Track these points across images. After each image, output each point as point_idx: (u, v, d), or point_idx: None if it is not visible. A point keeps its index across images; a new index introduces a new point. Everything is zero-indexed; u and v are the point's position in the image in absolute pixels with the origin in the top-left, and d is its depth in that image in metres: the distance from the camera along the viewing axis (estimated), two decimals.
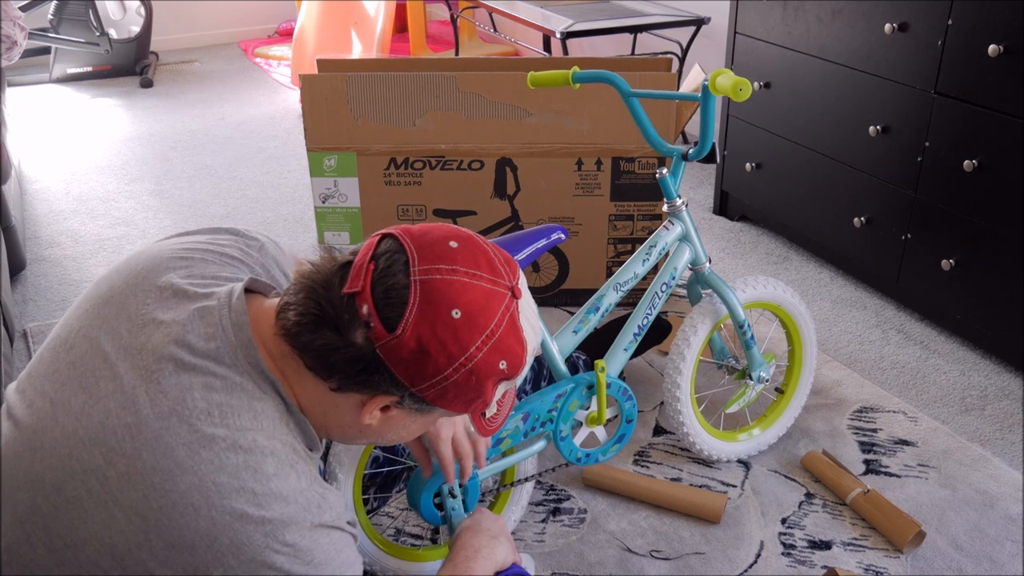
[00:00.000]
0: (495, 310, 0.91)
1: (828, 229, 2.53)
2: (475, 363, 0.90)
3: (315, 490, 0.90)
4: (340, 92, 2.18)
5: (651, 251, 1.62)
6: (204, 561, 0.83)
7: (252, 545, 0.84)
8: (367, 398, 0.92)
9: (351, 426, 0.96)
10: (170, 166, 3.41)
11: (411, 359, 0.88)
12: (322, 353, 0.89)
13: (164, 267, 0.97)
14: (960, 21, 2.00)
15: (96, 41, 4.36)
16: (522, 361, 0.96)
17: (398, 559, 1.47)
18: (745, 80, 1.34)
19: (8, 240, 2.45)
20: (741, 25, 2.68)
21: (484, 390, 0.93)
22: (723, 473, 1.78)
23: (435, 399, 0.92)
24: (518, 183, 2.26)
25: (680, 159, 1.59)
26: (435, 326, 0.88)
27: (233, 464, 0.85)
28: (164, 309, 0.92)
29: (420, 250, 0.90)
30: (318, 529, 0.89)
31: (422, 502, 1.37)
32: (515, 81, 2.17)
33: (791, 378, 1.84)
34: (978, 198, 2.05)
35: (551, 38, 3.65)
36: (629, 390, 1.59)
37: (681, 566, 1.56)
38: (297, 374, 0.92)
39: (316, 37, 4.12)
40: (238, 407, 0.87)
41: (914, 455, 1.83)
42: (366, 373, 0.89)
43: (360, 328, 0.88)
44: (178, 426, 0.85)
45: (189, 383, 0.87)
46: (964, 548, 1.60)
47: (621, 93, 1.57)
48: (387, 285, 0.88)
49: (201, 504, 0.83)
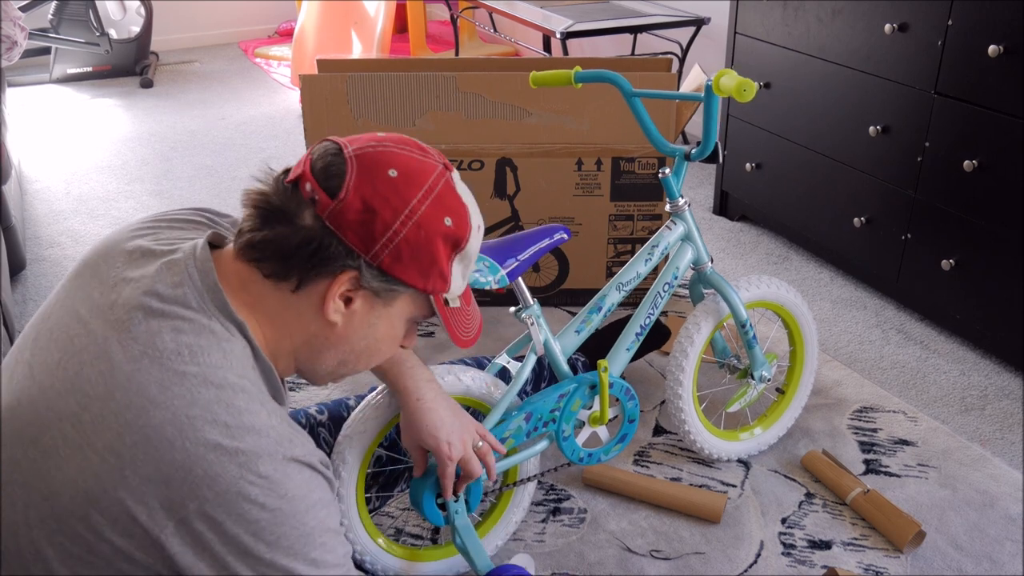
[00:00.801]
0: (430, 172, 0.98)
1: (828, 229, 2.53)
2: (420, 215, 0.95)
3: (285, 427, 0.91)
4: (340, 92, 2.18)
5: (653, 251, 1.62)
6: (180, 493, 0.83)
7: (227, 476, 0.84)
8: (327, 286, 0.94)
9: (316, 336, 0.98)
10: (170, 166, 3.41)
11: (359, 220, 0.93)
12: (276, 247, 0.93)
13: (131, 235, 1.01)
14: (960, 21, 2.00)
15: (96, 41, 4.37)
16: (467, 222, 1.01)
17: (398, 559, 1.47)
18: (749, 81, 1.33)
19: (8, 240, 2.45)
20: (741, 25, 2.68)
21: (436, 252, 0.98)
22: (723, 473, 1.78)
23: (391, 264, 0.95)
24: (518, 183, 2.26)
25: (683, 159, 1.59)
26: (375, 184, 0.93)
27: (205, 398, 0.86)
28: (133, 268, 0.95)
29: (351, 141, 0.98)
30: (291, 463, 0.89)
31: (425, 502, 1.37)
32: (515, 81, 2.17)
33: (792, 378, 1.84)
34: (978, 198, 2.05)
35: (551, 38, 3.65)
36: (632, 390, 1.59)
37: (681, 566, 1.56)
38: (260, 299, 0.95)
39: (316, 37, 4.12)
40: (207, 347, 0.89)
41: (914, 455, 1.83)
42: (320, 251, 0.92)
43: (307, 209, 0.93)
44: (150, 367, 0.86)
45: (158, 327, 0.88)
46: (964, 548, 1.60)
47: (623, 93, 1.57)
48: (325, 163, 0.94)
49: (175, 436, 0.83)
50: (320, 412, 1.46)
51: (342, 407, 1.49)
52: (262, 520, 0.85)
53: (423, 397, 1.28)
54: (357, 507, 1.41)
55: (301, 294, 0.95)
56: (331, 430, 1.44)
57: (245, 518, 0.84)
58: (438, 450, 1.29)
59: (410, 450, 1.33)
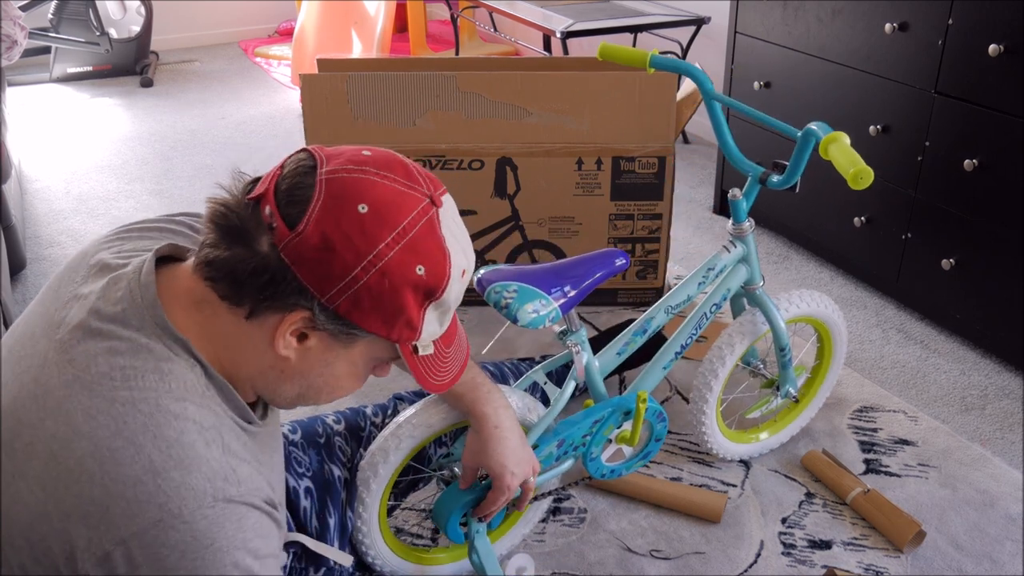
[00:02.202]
0: (408, 208, 0.85)
1: (828, 229, 2.53)
2: (386, 262, 0.84)
3: (224, 460, 0.82)
4: (340, 92, 2.18)
5: (708, 274, 1.57)
6: (98, 533, 0.77)
7: (144, 517, 0.77)
8: (279, 321, 0.85)
9: (271, 368, 0.89)
10: (170, 166, 3.41)
11: (316, 258, 0.82)
12: (229, 271, 0.84)
13: (100, 247, 0.96)
14: (960, 21, 2.00)
15: (96, 41, 4.36)
16: (444, 271, 0.88)
17: (404, 560, 1.47)
18: (868, 170, 1.18)
19: (8, 240, 2.45)
20: (741, 25, 2.68)
21: (403, 302, 0.86)
22: (723, 473, 1.78)
23: (349, 311, 0.84)
24: (518, 183, 2.26)
25: (756, 182, 1.51)
26: (340, 220, 0.82)
27: (131, 429, 0.79)
28: (87, 284, 0.89)
29: (330, 157, 0.86)
30: (224, 504, 0.80)
31: (450, 521, 1.36)
32: (515, 81, 2.17)
33: (810, 389, 1.83)
34: (978, 198, 2.05)
35: (551, 38, 3.65)
36: (664, 413, 1.55)
37: (681, 566, 1.56)
38: (213, 320, 0.87)
39: (316, 37, 4.12)
40: (143, 368, 0.82)
41: (914, 455, 1.83)
42: (272, 284, 0.83)
43: (264, 234, 0.83)
44: (79, 393, 0.81)
45: (95, 349, 0.83)
46: (964, 548, 1.60)
47: (703, 93, 1.50)
48: (291, 184, 0.84)
49: (95, 470, 0.78)
50: (337, 422, 1.42)
51: (359, 416, 1.46)
52: (181, 569, 0.78)
53: (501, 425, 1.27)
54: (379, 518, 1.40)
55: (254, 323, 0.86)
56: (347, 439, 1.41)
57: (163, 564, 0.77)
58: (501, 478, 1.28)
59: (468, 467, 1.32)
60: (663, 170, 2.23)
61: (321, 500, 1.31)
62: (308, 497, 1.28)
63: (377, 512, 1.38)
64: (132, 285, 0.87)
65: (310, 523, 1.28)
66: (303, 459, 1.32)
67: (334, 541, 1.31)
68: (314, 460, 1.33)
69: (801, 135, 1.35)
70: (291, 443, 1.33)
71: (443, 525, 1.37)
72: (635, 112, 2.19)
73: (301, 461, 1.32)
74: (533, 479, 1.34)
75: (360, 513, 1.36)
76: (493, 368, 1.64)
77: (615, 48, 1.56)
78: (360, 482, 1.35)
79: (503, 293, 1.32)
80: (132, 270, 0.89)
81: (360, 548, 1.40)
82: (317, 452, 1.35)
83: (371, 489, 1.35)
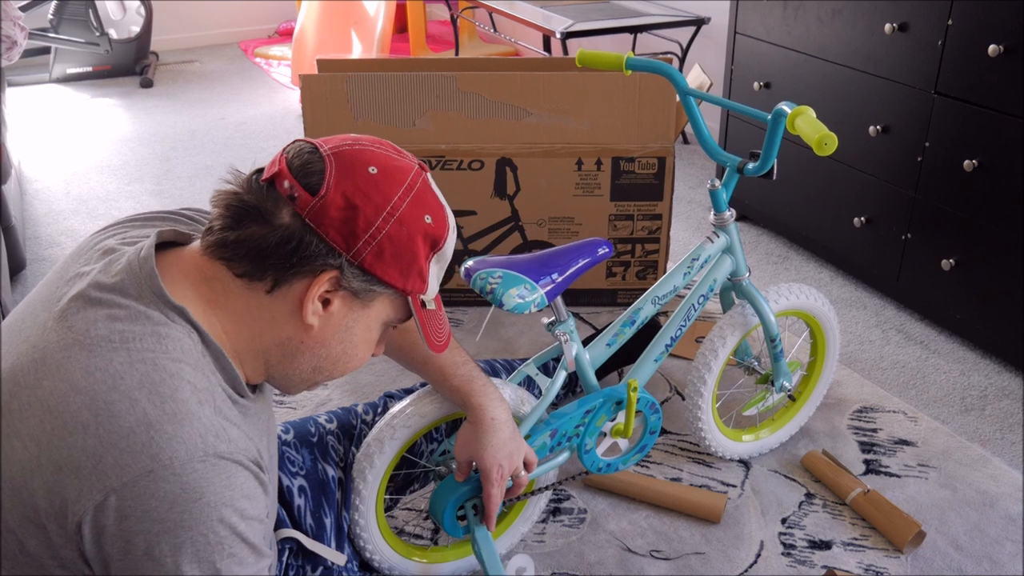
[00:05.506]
0: (407, 170, 0.97)
1: (828, 229, 2.53)
2: (401, 212, 0.94)
3: (216, 419, 0.86)
4: (340, 92, 2.18)
5: (693, 264, 1.58)
6: (89, 484, 0.79)
7: (136, 466, 0.79)
8: (306, 287, 0.92)
9: (290, 339, 0.95)
10: (170, 166, 3.41)
11: (341, 216, 0.91)
12: (251, 246, 0.90)
13: (106, 234, 1.00)
14: (960, 21, 2.00)
15: (96, 41, 4.36)
16: (445, 221, 1.00)
17: (404, 558, 1.47)
18: (832, 136, 1.22)
19: (8, 240, 2.45)
20: (741, 25, 2.68)
21: (416, 250, 0.96)
22: (723, 473, 1.78)
23: (372, 263, 0.93)
24: (518, 183, 2.26)
25: (735, 171, 1.53)
26: (356, 181, 0.92)
27: (128, 384, 0.82)
28: (91, 264, 0.94)
29: (325, 141, 0.96)
30: (215, 459, 0.83)
31: (446, 514, 1.37)
32: (515, 81, 2.17)
33: (807, 386, 1.83)
34: (978, 198, 2.05)
35: (551, 38, 3.65)
36: (657, 404, 1.56)
37: (681, 566, 1.56)
38: (225, 297, 0.92)
39: (316, 37, 4.12)
40: (141, 332, 0.86)
41: (914, 455, 1.83)
42: (300, 250, 0.90)
43: (285, 207, 0.91)
44: (79, 353, 0.84)
45: (94, 316, 0.86)
46: (964, 548, 1.60)
47: (678, 90, 1.52)
48: (302, 161, 0.92)
49: (90, 422, 0.80)
50: (329, 421, 1.44)
51: (351, 415, 1.48)
52: (168, 521, 0.80)
53: (496, 417, 1.30)
54: (376, 513, 1.40)
55: (276, 295, 0.92)
56: (339, 438, 1.43)
57: (151, 516, 0.79)
58: (489, 470, 1.29)
59: (461, 460, 1.34)
60: (663, 170, 2.23)
61: (316, 500, 1.32)
62: (302, 496, 1.29)
63: (374, 505, 1.39)
64: (131, 259, 0.91)
65: (305, 522, 1.29)
66: (296, 458, 1.33)
67: (331, 541, 1.31)
68: (307, 460, 1.35)
69: (771, 116, 1.37)
70: (284, 443, 1.34)
71: (440, 519, 1.38)
72: (635, 112, 2.19)
73: (295, 460, 1.33)
74: (525, 473, 1.36)
75: (357, 506, 1.37)
76: (485, 365, 1.65)
77: (592, 54, 1.60)
78: (356, 473, 1.36)
79: (488, 279, 1.35)
80: (134, 249, 0.93)
81: (358, 543, 1.40)
82: (310, 451, 1.36)
83: (367, 480, 1.36)
